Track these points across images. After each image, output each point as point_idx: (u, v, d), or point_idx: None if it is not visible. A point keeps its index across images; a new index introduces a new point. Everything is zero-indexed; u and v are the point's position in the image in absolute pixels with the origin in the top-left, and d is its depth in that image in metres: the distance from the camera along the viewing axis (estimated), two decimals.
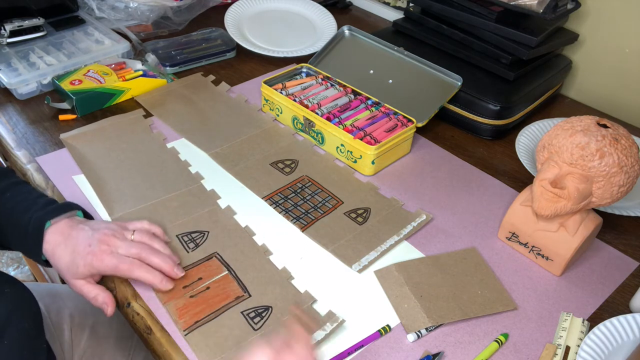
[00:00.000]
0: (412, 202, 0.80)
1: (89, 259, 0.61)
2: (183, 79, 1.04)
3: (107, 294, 0.63)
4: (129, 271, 0.61)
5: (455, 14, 1.00)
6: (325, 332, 0.61)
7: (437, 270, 0.69)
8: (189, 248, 0.70)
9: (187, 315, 0.62)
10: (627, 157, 0.62)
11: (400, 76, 0.99)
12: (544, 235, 0.70)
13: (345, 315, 0.64)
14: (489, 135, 0.95)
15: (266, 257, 0.70)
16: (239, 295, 0.64)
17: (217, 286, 0.65)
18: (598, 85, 1.06)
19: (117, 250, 0.62)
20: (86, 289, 0.63)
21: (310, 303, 0.65)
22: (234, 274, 0.67)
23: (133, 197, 0.77)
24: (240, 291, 0.65)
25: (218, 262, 0.69)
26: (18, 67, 0.98)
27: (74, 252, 0.62)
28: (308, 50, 1.13)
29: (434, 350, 0.61)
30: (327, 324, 0.62)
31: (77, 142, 0.85)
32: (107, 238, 0.62)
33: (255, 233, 0.74)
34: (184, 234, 0.72)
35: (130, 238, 0.64)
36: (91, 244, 0.62)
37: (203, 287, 0.65)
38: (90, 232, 0.63)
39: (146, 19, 1.17)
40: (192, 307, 0.62)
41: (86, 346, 0.81)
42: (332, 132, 0.85)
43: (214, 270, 0.67)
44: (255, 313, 0.63)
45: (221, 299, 0.64)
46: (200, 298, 0.64)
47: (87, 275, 0.62)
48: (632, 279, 0.71)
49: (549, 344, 0.62)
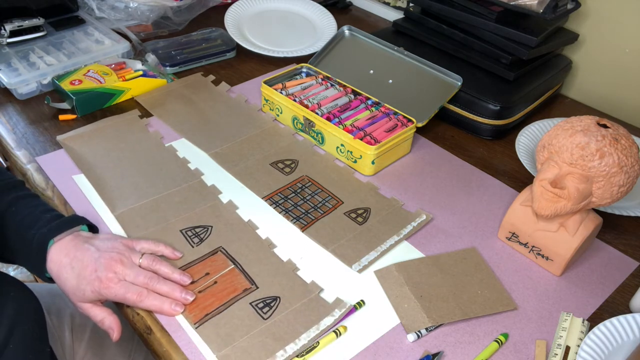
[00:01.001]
0: (412, 202, 0.80)
1: (96, 286, 0.60)
2: (183, 79, 1.04)
3: (113, 318, 0.62)
4: (138, 301, 0.61)
5: (455, 14, 1.00)
6: (334, 317, 0.62)
7: (437, 270, 0.69)
8: (193, 243, 0.70)
9: (197, 309, 0.62)
10: (627, 157, 0.62)
11: (400, 76, 0.99)
12: (544, 235, 0.70)
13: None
14: (489, 135, 0.95)
15: (270, 250, 0.71)
16: (247, 288, 0.65)
17: (224, 280, 0.66)
18: (598, 85, 1.06)
19: (125, 277, 0.61)
20: (93, 313, 0.62)
21: (318, 292, 0.66)
22: (240, 267, 0.68)
23: (134, 194, 0.77)
24: (248, 283, 0.66)
25: (224, 256, 0.69)
26: (18, 67, 0.98)
27: (79, 276, 0.61)
28: (308, 50, 1.13)
29: (433, 350, 0.61)
30: (335, 310, 0.63)
31: (75, 143, 0.85)
32: (114, 264, 0.61)
33: (259, 227, 0.74)
34: (188, 228, 0.72)
35: (138, 263, 0.63)
36: (97, 269, 0.61)
37: (211, 282, 0.65)
38: (96, 255, 0.62)
39: (146, 19, 1.17)
40: (201, 301, 0.63)
41: (87, 347, 0.81)
42: (332, 132, 0.85)
43: (220, 264, 0.68)
44: (264, 303, 0.63)
45: (229, 292, 0.64)
46: (209, 292, 0.64)
47: (93, 300, 0.62)
48: (632, 279, 0.71)
49: (538, 340, 0.62)
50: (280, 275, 0.67)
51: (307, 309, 0.63)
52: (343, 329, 0.61)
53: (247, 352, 0.58)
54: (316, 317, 0.62)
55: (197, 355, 0.58)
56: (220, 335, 0.60)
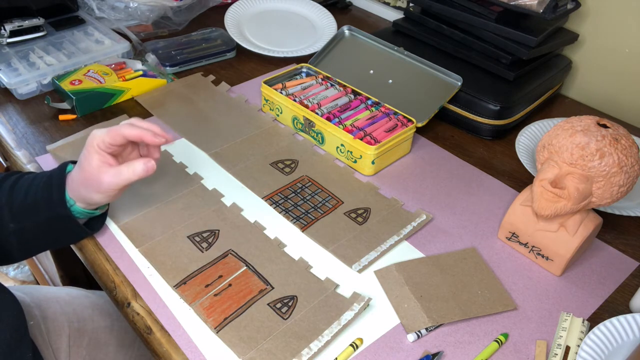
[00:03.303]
0: (412, 202, 0.80)
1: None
2: (183, 79, 1.04)
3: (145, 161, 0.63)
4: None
5: (455, 14, 1.00)
6: (354, 311, 0.63)
7: (437, 270, 0.69)
8: (202, 248, 0.70)
9: (215, 313, 0.62)
10: (627, 157, 0.62)
11: (400, 76, 0.99)
12: (544, 235, 0.70)
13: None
14: (489, 135, 0.95)
15: (281, 249, 0.71)
16: (262, 289, 0.65)
17: (238, 282, 0.66)
18: (598, 85, 1.06)
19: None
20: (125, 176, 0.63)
21: (334, 288, 0.66)
22: (252, 268, 0.68)
23: (136, 203, 0.76)
24: (262, 284, 0.66)
25: (235, 258, 0.69)
26: (18, 67, 0.98)
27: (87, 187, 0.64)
28: (308, 50, 1.13)
29: (433, 350, 0.61)
30: (354, 304, 0.64)
31: (65, 153, 0.83)
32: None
33: (266, 227, 0.74)
34: (195, 234, 0.72)
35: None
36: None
37: (225, 285, 0.65)
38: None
39: (146, 19, 1.17)
40: (218, 304, 0.63)
41: (86, 353, 0.80)
42: (332, 132, 0.85)
43: (232, 267, 0.68)
44: (282, 303, 0.64)
45: (245, 294, 0.64)
46: (225, 295, 0.64)
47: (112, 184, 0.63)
48: (632, 279, 0.71)
49: (538, 340, 0.62)
50: (294, 274, 0.67)
51: (326, 306, 0.64)
52: (359, 341, 0.61)
53: (273, 354, 0.58)
54: (336, 313, 0.63)
55: (197, 355, 0.58)
56: (243, 338, 0.60)
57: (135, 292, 0.65)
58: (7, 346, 0.59)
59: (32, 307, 0.79)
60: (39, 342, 0.76)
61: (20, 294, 0.80)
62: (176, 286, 0.65)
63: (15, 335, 0.61)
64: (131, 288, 0.65)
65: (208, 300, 0.63)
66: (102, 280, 0.68)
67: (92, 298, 0.88)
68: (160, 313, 0.63)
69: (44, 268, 1.33)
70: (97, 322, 0.84)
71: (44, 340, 0.77)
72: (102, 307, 0.87)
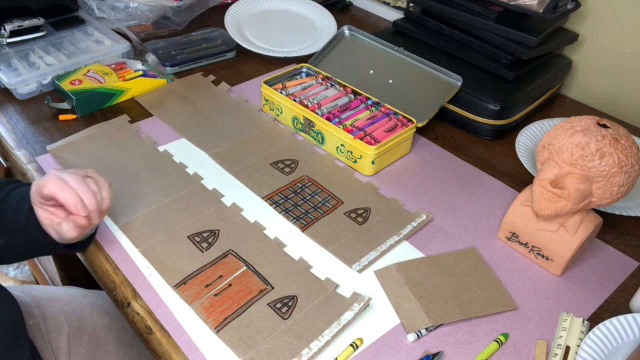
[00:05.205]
0: (412, 202, 0.80)
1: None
2: (183, 79, 1.04)
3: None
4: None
5: (455, 14, 1.00)
6: (354, 311, 0.63)
7: (437, 270, 0.69)
8: (202, 248, 0.70)
9: (215, 313, 0.62)
10: (627, 157, 0.62)
11: (400, 76, 0.99)
12: (544, 235, 0.70)
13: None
14: (489, 135, 0.95)
15: (281, 249, 0.71)
16: (262, 289, 0.65)
17: (238, 282, 0.66)
18: (598, 85, 1.06)
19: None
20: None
21: (334, 288, 0.66)
22: (252, 268, 0.68)
23: (135, 203, 0.76)
24: (262, 284, 0.66)
25: (235, 258, 0.69)
26: (18, 67, 0.98)
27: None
28: (308, 50, 1.13)
29: (433, 350, 0.61)
30: (354, 304, 0.64)
31: (66, 153, 0.84)
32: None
33: (266, 227, 0.74)
34: (195, 234, 0.72)
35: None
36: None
37: (225, 285, 0.65)
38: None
39: (146, 19, 1.17)
40: (218, 304, 0.63)
41: (85, 351, 0.80)
42: (332, 132, 0.85)
43: (232, 267, 0.68)
44: (282, 303, 0.64)
45: (245, 294, 0.65)
46: (225, 295, 0.64)
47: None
48: (632, 279, 0.71)
49: (538, 340, 0.62)
50: (294, 274, 0.67)
51: (326, 305, 0.64)
52: (359, 341, 0.61)
53: (273, 354, 0.58)
54: (336, 313, 0.63)
55: (197, 355, 0.58)
56: (243, 338, 0.60)
57: (135, 292, 0.65)
58: (4, 344, 0.59)
59: (32, 307, 0.79)
60: (38, 341, 0.76)
61: (20, 293, 0.80)
62: (176, 286, 0.65)
63: (12, 333, 0.61)
64: (131, 288, 0.65)
65: (208, 300, 0.64)
66: (102, 280, 0.68)
67: (91, 297, 0.88)
68: (160, 313, 0.63)
69: (44, 268, 1.33)
70: (96, 321, 0.84)
71: (44, 339, 0.77)
72: (101, 307, 0.87)
